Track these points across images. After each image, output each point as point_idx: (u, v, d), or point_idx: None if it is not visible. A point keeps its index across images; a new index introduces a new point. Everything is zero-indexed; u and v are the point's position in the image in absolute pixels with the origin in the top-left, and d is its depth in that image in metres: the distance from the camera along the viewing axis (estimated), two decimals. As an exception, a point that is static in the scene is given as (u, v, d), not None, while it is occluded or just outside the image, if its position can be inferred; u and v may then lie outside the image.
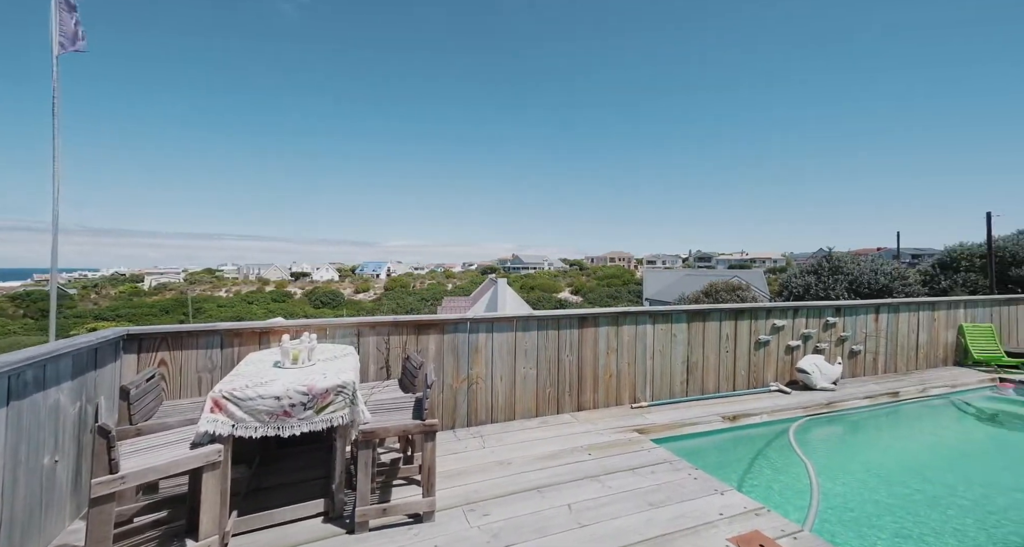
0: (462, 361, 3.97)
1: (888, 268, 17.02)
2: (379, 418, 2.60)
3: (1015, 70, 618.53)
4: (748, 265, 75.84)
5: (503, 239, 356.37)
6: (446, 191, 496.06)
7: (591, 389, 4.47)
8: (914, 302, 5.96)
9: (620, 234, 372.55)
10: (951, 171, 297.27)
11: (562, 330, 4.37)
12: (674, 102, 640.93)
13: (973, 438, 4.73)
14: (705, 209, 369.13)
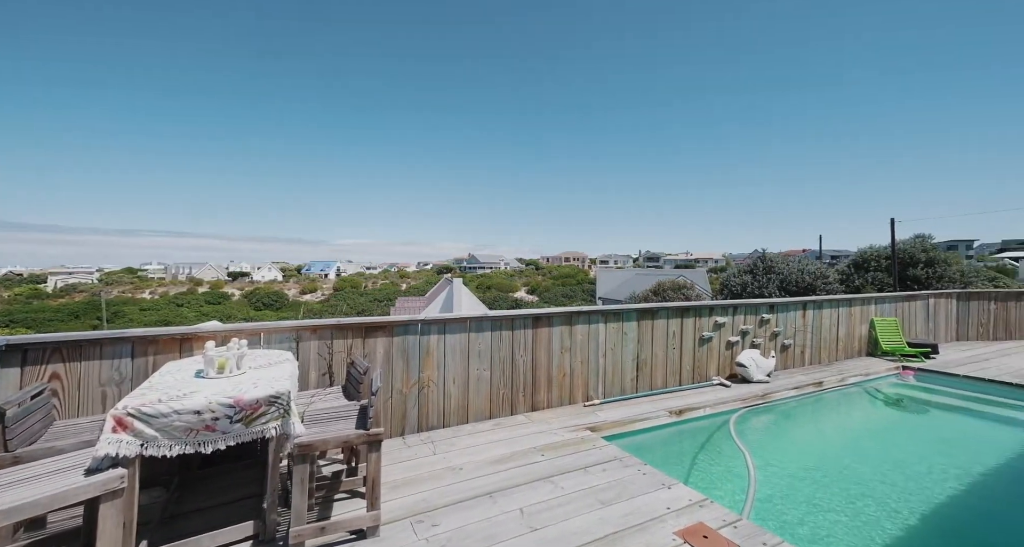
0: (412, 364, 3.82)
1: (812, 268, 18.68)
2: (318, 429, 2.41)
3: (891, 80, 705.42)
4: (692, 265, 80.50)
5: (459, 238, 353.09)
6: (401, 189, 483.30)
7: (545, 389, 4.47)
8: (834, 299, 6.54)
9: (575, 234, 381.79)
10: (865, 179, 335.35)
11: (516, 330, 4.33)
12: (629, 111, 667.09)
13: (881, 420, 5.26)
14: (654, 211, 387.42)
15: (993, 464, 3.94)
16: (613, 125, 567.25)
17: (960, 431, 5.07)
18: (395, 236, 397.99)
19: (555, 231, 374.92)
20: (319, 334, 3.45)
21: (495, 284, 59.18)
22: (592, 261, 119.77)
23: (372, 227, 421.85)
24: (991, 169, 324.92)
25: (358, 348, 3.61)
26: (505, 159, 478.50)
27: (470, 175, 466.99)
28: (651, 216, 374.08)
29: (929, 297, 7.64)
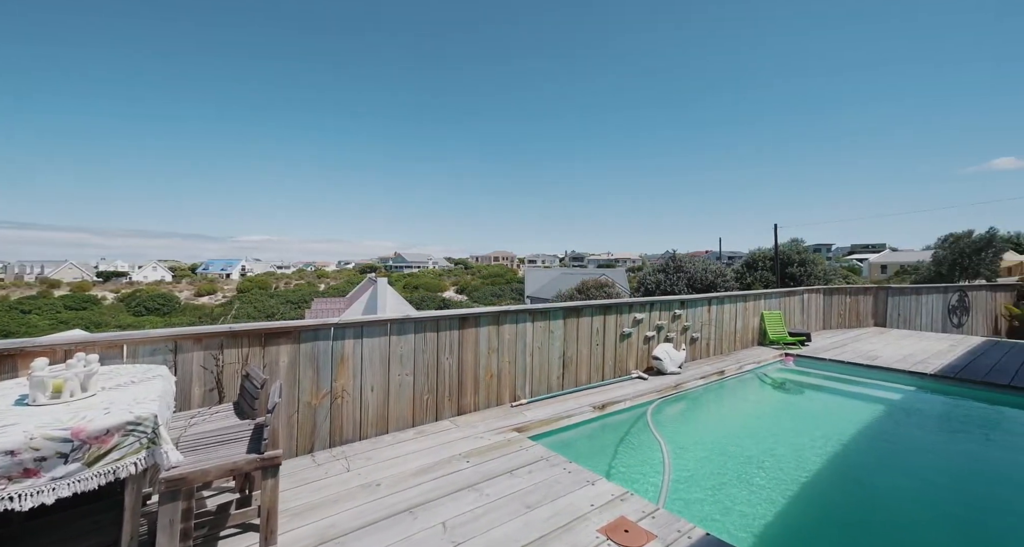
0: (324, 373, 3.44)
1: (714, 267, 20.84)
2: (198, 457, 2.02)
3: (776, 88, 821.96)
4: (613, 264, 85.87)
5: (385, 236, 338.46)
6: (318, 184, 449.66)
7: (472, 391, 4.33)
8: (733, 295, 7.28)
9: (504, 233, 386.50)
10: (755, 187, 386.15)
11: (442, 332, 4.13)
12: (557, 119, 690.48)
13: (769, 402, 5.95)
14: (581, 213, 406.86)
15: (853, 432, 4.62)
16: (545, 129, 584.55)
17: (828, 406, 5.92)
18: (313, 233, 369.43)
19: (485, 231, 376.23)
20: (205, 343, 2.94)
21: (423, 284, 57.70)
22: (521, 260, 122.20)
23: (285, 223, 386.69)
24: (845, 180, 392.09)
25: (256, 357, 3.15)
26: (436, 159, 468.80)
27: (398, 173, 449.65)
28: (577, 218, 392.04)
29: (804, 293, 8.86)
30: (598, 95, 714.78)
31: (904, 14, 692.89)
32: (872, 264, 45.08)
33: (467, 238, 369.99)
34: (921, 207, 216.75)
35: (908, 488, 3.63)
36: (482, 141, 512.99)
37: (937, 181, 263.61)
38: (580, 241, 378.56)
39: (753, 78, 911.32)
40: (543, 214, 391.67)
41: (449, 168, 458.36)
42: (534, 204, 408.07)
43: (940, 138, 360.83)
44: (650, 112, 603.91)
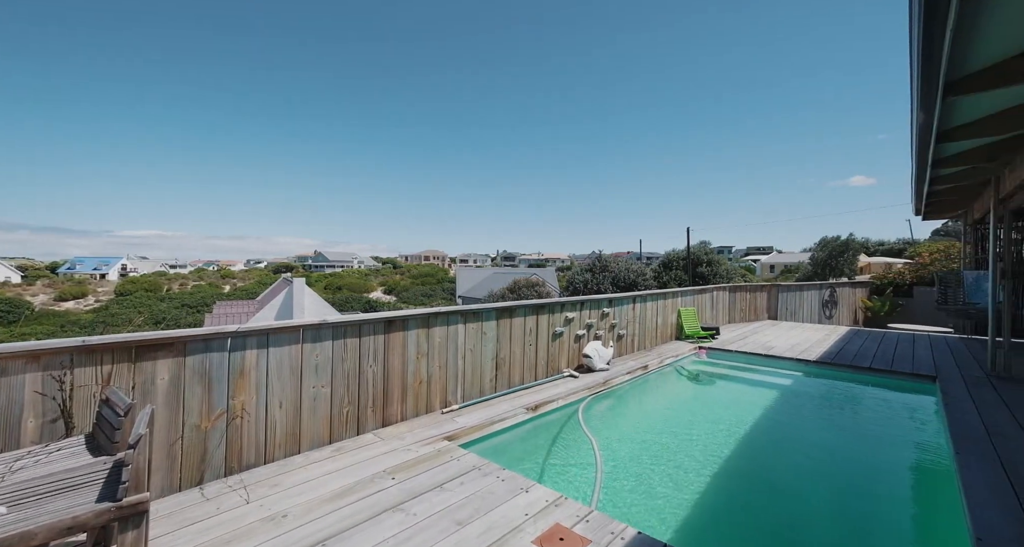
0: (218, 390, 2.92)
1: (635, 267, 22.25)
2: (22, 514, 1.53)
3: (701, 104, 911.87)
4: (543, 264, 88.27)
5: (304, 234, 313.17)
6: (222, 175, 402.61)
7: (399, 400, 4.01)
8: (654, 293, 7.72)
9: (435, 232, 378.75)
10: (671, 191, 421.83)
11: (365, 337, 3.77)
12: (485, 126, 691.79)
13: (686, 393, 6.38)
14: (510, 211, 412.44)
15: (756, 415, 5.09)
16: (478, 134, 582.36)
17: (735, 394, 6.50)
18: (217, 228, 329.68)
19: (415, 229, 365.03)
20: (44, 362, 2.31)
21: (347, 284, 54.37)
22: (452, 260, 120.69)
23: (182, 217, 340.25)
24: (745, 188, 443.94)
25: (123, 377, 2.57)
26: (363, 154, 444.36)
27: (318, 166, 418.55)
28: (508, 217, 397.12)
29: (713, 290, 9.72)
30: (528, 106, 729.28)
31: (800, 47, 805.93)
32: (763, 264, 51.58)
33: (396, 237, 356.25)
34: (799, 214, 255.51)
35: (800, 463, 4.05)
36: (413, 142, 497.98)
37: (816, 192, 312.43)
38: (512, 241, 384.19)
39: (669, 97, 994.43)
40: (474, 214, 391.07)
41: (377, 166, 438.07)
42: (466, 204, 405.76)
43: (818, 155, 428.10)
44: (578, 124, 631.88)
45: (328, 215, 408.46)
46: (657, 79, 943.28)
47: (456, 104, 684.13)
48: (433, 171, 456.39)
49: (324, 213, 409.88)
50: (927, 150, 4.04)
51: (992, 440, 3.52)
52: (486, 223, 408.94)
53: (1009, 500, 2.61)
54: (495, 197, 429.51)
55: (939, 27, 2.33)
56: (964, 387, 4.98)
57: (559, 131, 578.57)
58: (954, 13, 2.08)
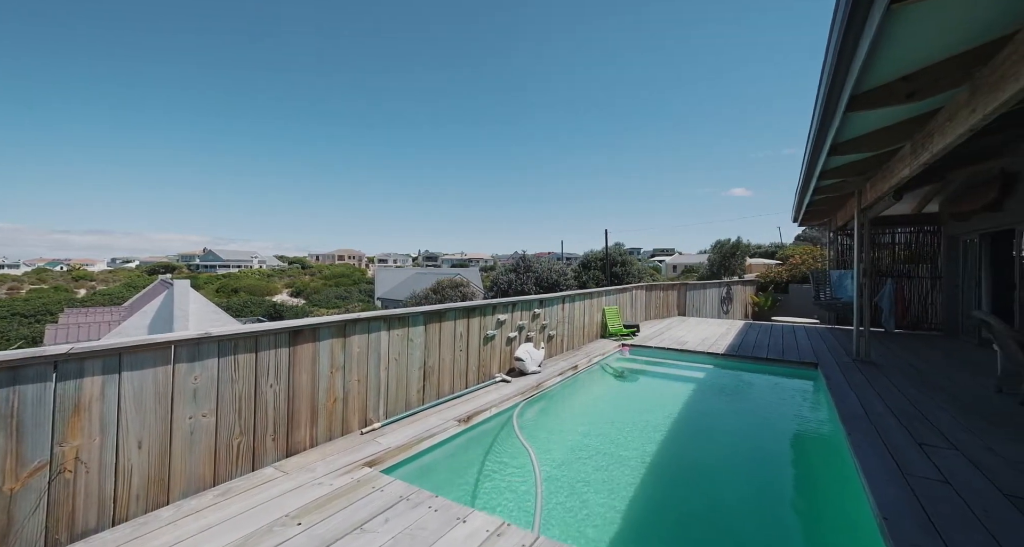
0: (33, 437, 2.14)
1: (557, 267, 22.90)
2: None
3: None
4: (467, 264, 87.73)
5: (191, 229, 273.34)
6: (75, 155, 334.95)
7: (308, 423, 3.41)
8: (582, 293, 7.85)
9: (351, 231, 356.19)
10: (589, 194, 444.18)
11: (265, 351, 3.12)
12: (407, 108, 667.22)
13: (613, 390, 6.54)
14: (432, 211, 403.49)
15: (679, 408, 5.33)
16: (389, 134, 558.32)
17: (657, 388, 6.83)
18: (68, 222, 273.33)
19: (328, 228, 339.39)
20: None
21: (246, 286, 48.60)
22: (370, 259, 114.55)
23: (17, 206, 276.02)
24: (652, 192, 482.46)
25: None
26: (263, 148, 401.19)
27: (209, 155, 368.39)
28: (432, 216, 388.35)
29: (633, 289, 10.25)
30: (452, 105, 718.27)
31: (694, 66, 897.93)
32: (668, 264, 56.88)
33: (305, 235, 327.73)
34: (696, 220, 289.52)
35: (721, 454, 4.28)
36: (326, 139, 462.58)
37: (708, 200, 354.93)
38: (434, 241, 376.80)
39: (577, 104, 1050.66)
40: (393, 213, 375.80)
41: (282, 161, 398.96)
42: (383, 203, 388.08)
43: (709, 168, 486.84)
44: (493, 128, 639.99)
45: (222, 210, 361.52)
46: (574, 82, 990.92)
47: (374, 100, 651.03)
48: (347, 168, 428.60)
49: (217, 207, 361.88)
50: (817, 163, 4.53)
51: (870, 418, 4.02)
52: (407, 223, 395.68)
53: (898, 478, 2.93)
54: (415, 196, 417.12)
55: (847, 53, 2.50)
56: (840, 372, 5.74)
57: (482, 131, 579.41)
58: (872, 33, 2.21)
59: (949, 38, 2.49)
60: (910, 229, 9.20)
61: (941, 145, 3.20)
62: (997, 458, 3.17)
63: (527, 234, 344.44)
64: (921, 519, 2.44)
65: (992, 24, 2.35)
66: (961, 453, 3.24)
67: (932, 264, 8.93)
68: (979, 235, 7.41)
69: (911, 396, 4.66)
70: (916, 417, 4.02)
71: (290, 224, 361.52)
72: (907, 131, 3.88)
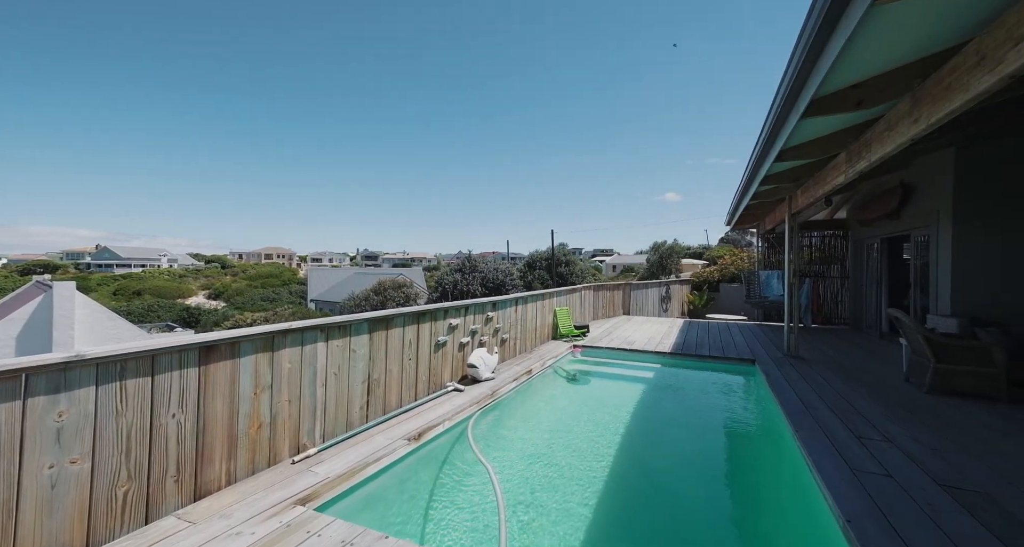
0: None
1: (503, 267, 22.73)
2: None
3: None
4: (409, 264, 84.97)
5: (80, 223, 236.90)
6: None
7: (224, 457, 2.83)
8: (535, 294, 7.68)
9: (281, 229, 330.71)
10: (534, 195, 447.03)
11: (164, 373, 2.52)
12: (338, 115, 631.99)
13: (567, 393, 6.42)
14: (372, 208, 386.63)
15: (631, 409, 5.32)
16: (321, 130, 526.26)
17: (610, 389, 6.83)
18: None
19: (254, 225, 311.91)
20: None
21: (151, 288, 43.09)
22: (302, 258, 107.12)
23: None
24: (601, 195, 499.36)
25: None
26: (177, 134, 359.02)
27: (103, 136, 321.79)
28: (372, 213, 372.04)
29: (582, 289, 10.31)
30: (399, 99, 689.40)
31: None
32: (608, 264, 59.32)
33: (226, 232, 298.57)
34: (633, 222, 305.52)
35: (677, 455, 4.28)
36: (251, 127, 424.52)
37: (643, 202, 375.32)
38: (373, 239, 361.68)
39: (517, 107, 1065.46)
40: (331, 209, 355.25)
41: (201, 144, 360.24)
42: (319, 198, 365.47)
43: (643, 172, 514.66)
44: (441, 123, 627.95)
45: (122, 201, 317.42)
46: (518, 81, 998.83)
47: (320, 90, 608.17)
48: (272, 160, 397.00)
49: (116, 198, 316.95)
50: (762, 167, 4.71)
51: (811, 413, 4.22)
52: (344, 220, 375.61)
53: (848, 475, 3.03)
54: (352, 193, 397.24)
55: (811, 58, 2.50)
56: (775, 367, 6.10)
57: (428, 129, 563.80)
58: (842, 43, 2.19)
59: (900, 49, 2.58)
60: (824, 233, 10.20)
61: (879, 154, 3.39)
62: (923, 447, 3.42)
63: (471, 233, 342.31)
64: (879, 518, 2.50)
65: (937, 37, 2.46)
66: (895, 445, 3.47)
67: (841, 265, 9.96)
68: (880, 240, 8.34)
69: (839, 389, 5.01)
70: (849, 410, 4.29)
71: (208, 219, 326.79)
72: (843, 141, 4.13)
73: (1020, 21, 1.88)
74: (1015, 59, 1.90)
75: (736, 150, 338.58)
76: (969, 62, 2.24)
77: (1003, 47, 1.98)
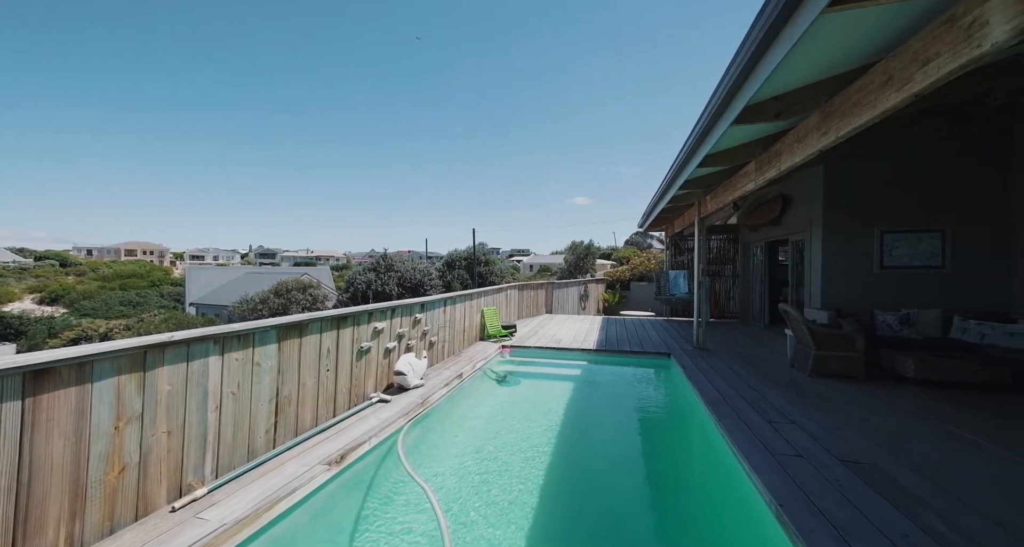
0: None
1: (422, 266, 21.89)
2: None
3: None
4: (314, 262, 77.93)
5: None
6: None
7: (64, 518, 2.09)
8: (463, 294, 7.36)
9: (147, 220, 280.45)
10: (454, 195, 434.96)
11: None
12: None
13: (499, 396, 6.24)
14: (268, 203, 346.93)
15: (563, 408, 5.30)
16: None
17: (541, 389, 6.79)
18: None
19: (110, 215, 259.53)
20: None
21: (-46, 291, 33.66)
22: (178, 256, 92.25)
23: None
24: (534, 194, 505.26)
25: None
26: None
27: None
28: (268, 207, 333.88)
29: (508, 289, 10.24)
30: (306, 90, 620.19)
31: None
32: (525, 264, 60.78)
33: (67, 224, 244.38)
34: (546, 223, 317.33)
35: (609, 452, 4.34)
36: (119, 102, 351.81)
37: (555, 205, 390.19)
38: (270, 236, 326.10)
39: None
40: (217, 201, 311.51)
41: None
42: (203, 187, 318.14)
43: (555, 176, 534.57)
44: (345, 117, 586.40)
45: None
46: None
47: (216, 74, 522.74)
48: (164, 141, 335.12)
49: None
50: (684, 172, 5.01)
51: (728, 402, 4.59)
52: (234, 214, 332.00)
53: (769, 459, 3.28)
54: (244, 187, 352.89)
55: (747, 66, 2.62)
56: (689, 359, 6.61)
57: (330, 121, 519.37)
58: (786, 50, 2.30)
59: (818, 65, 2.83)
60: (720, 237, 11.49)
61: (789, 163, 3.76)
62: (818, 426, 3.88)
63: (385, 231, 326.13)
64: (801, 498, 2.71)
65: (849, 57, 2.74)
66: (798, 426, 3.88)
67: (733, 266, 11.31)
68: (764, 243, 9.62)
69: (744, 377, 5.56)
70: (756, 396, 4.75)
71: (42, 207, 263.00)
72: (754, 151, 4.54)
73: (926, 45, 2.13)
74: (922, 79, 2.15)
75: (639, 160, 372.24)
76: (877, 81, 2.53)
77: (910, 68, 2.24)
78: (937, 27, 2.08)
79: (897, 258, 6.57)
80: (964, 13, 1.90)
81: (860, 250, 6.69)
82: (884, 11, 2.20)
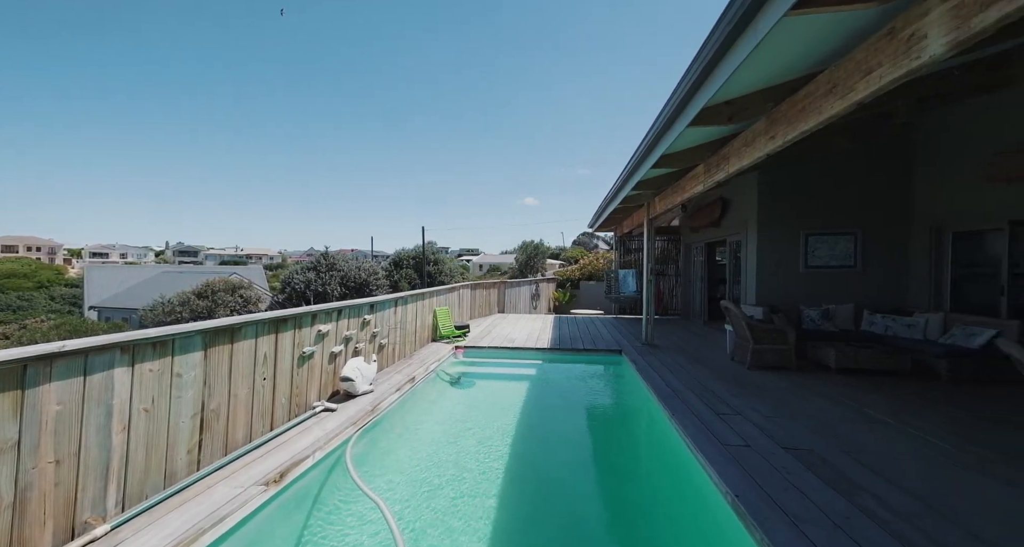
0: None
1: (367, 265, 20.92)
2: None
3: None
4: (244, 261, 71.83)
5: None
6: None
7: (-97, 583, 1.62)
8: (415, 294, 7.04)
9: (34, 214, 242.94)
10: (402, 193, 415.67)
11: None
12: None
13: (454, 398, 6.03)
14: (188, 197, 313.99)
15: (519, 408, 5.22)
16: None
17: (496, 390, 6.66)
18: None
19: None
20: None
21: None
22: (75, 253, 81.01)
23: None
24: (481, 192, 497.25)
25: None
26: None
27: None
28: (189, 203, 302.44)
29: (460, 288, 10.00)
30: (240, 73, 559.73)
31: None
32: (475, 263, 60.35)
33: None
34: (497, 222, 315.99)
35: (566, 451, 4.32)
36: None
37: (506, 206, 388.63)
38: (192, 232, 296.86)
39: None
40: (127, 193, 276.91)
41: None
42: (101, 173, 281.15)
43: (505, 178, 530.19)
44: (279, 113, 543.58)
45: None
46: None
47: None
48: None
49: None
50: (639, 171, 5.13)
51: (679, 396, 4.75)
52: (147, 208, 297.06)
53: (721, 450, 3.40)
54: (159, 176, 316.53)
55: (711, 65, 2.68)
56: (639, 356, 6.81)
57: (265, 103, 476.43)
58: (748, 51, 2.36)
59: (768, 72, 2.97)
60: (664, 238, 12.07)
61: (737, 166, 3.95)
62: (760, 416, 4.11)
63: (326, 229, 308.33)
64: (755, 487, 2.82)
65: (796, 65, 2.90)
66: (744, 418, 4.09)
67: (676, 265, 11.93)
68: (704, 244, 10.22)
69: (690, 371, 5.82)
70: (703, 390, 4.97)
71: None
72: (703, 153, 4.74)
73: (868, 56, 2.29)
74: (864, 88, 2.30)
75: (589, 162, 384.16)
76: (822, 89, 2.69)
77: (853, 77, 2.40)
78: (878, 40, 2.23)
79: (819, 258, 7.24)
80: (903, 26, 2.05)
81: (789, 250, 7.29)
82: (831, 20, 2.33)
